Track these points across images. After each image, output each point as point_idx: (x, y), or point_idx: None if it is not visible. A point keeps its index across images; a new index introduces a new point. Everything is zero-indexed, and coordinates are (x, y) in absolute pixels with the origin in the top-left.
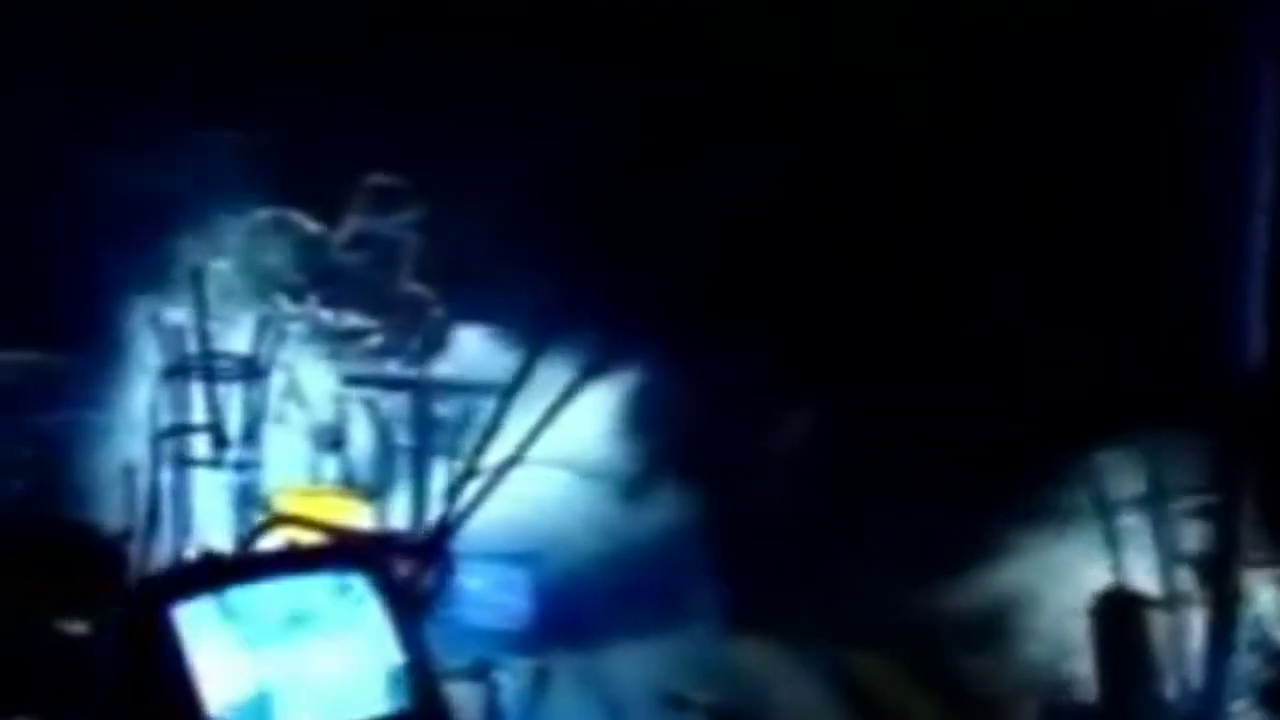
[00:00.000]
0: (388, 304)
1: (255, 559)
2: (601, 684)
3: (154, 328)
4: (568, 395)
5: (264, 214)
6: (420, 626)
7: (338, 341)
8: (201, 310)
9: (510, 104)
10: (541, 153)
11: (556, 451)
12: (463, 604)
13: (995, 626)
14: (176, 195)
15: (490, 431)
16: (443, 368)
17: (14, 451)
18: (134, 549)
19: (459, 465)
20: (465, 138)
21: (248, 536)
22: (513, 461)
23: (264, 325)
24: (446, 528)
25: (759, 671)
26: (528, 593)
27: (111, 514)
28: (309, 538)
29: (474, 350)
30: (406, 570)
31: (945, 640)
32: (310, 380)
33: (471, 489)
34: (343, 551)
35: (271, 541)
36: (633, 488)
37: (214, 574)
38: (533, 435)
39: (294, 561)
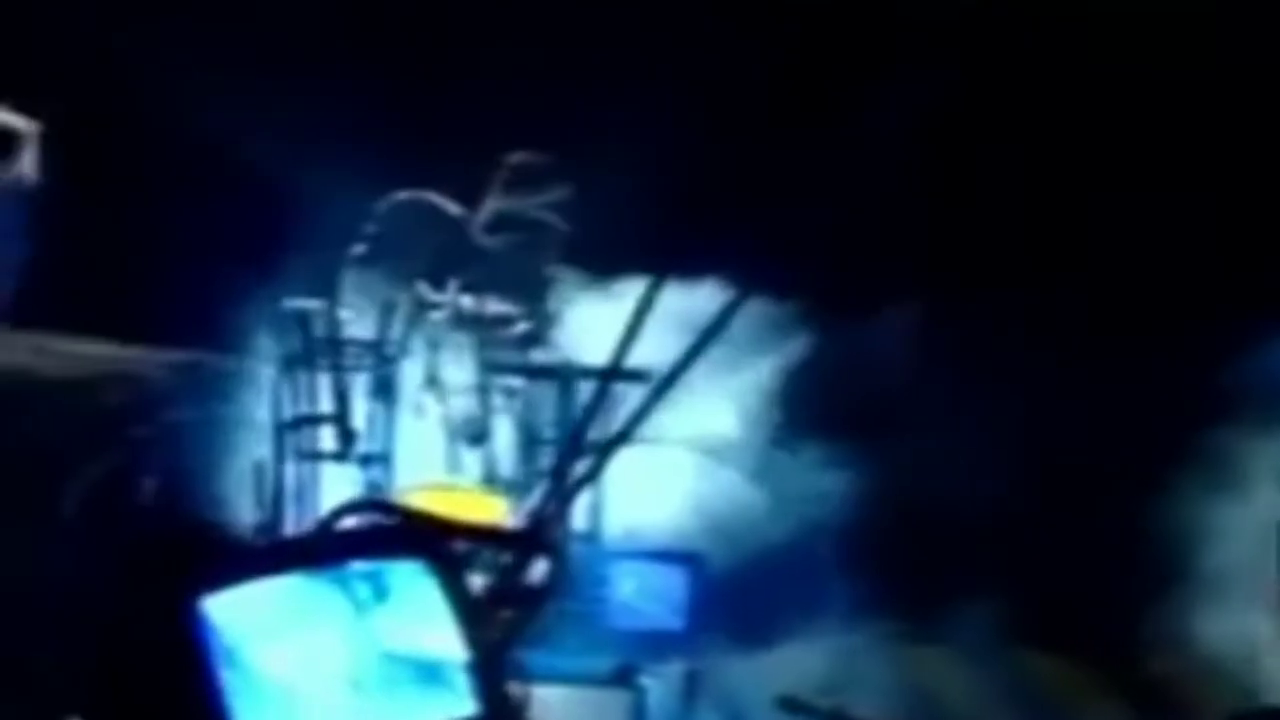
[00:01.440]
0: (532, 288)
1: (288, 545)
2: (756, 691)
3: (283, 318)
4: (704, 341)
5: (401, 196)
6: (485, 621)
7: (480, 329)
8: (333, 298)
9: (654, 72)
10: (687, 121)
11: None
12: (616, 606)
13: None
14: (306, 178)
15: (593, 406)
16: (591, 355)
17: (145, 450)
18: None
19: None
20: (609, 111)
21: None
22: (622, 437)
23: (390, 311)
24: (548, 515)
25: (929, 678)
26: (685, 594)
27: (244, 512)
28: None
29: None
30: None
31: (1134, 641)
32: (451, 371)
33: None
34: (398, 537)
35: None
36: (795, 477)
37: (241, 562)
38: (652, 400)
39: (337, 547)
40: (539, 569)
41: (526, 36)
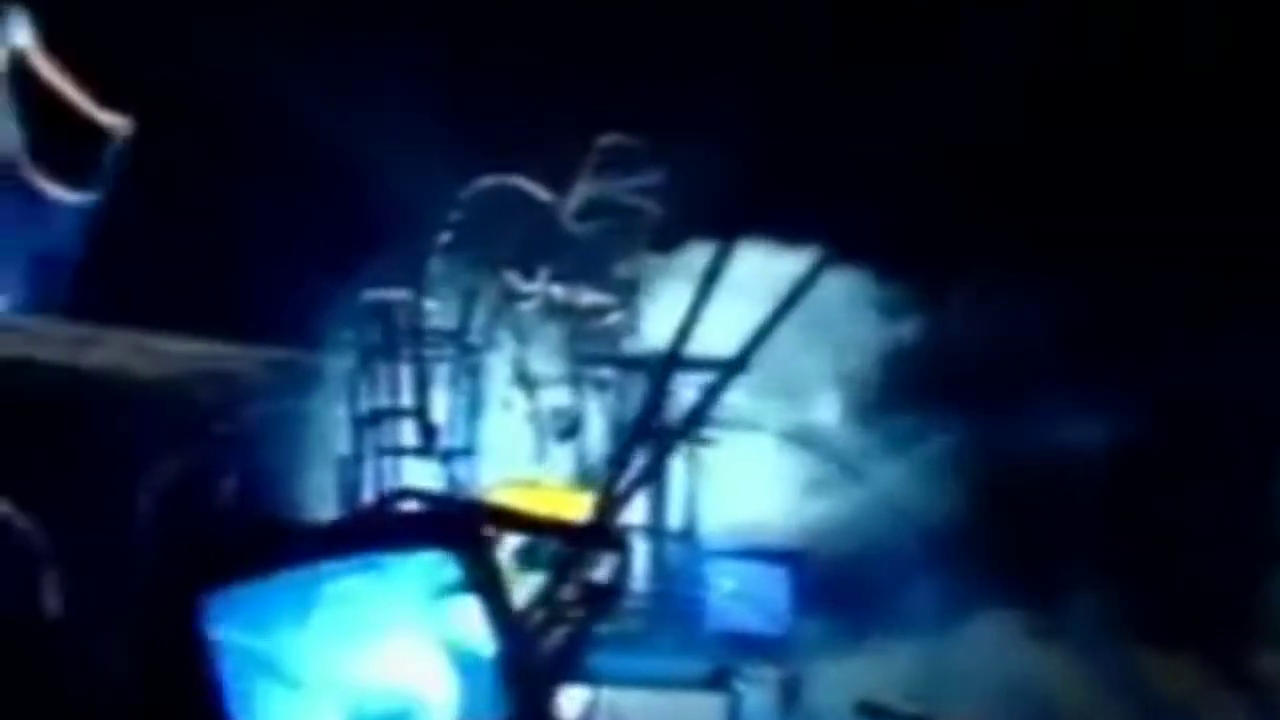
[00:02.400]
0: (624, 277)
1: (301, 533)
2: (857, 696)
3: (366, 310)
4: (783, 310)
5: (487, 182)
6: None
7: (570, 320)
8: (417, 288)
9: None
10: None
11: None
12: (713, 606)
13: None
14: (391, 166)
15: (660, 384)
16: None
17: (229, 448)
18: None
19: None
20: (703, 90)
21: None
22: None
23: (473, 299)
24: (610, 503)
25: (1043, 680)
26: (786, 594)
27: (328, 511)
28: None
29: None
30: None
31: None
32: (541, 363)
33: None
34: (424, 525)
35: None
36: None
37: (249, 553)
38: (725, 378)
39: (350, 536)
40: (607, 565)
41: (611, 13)
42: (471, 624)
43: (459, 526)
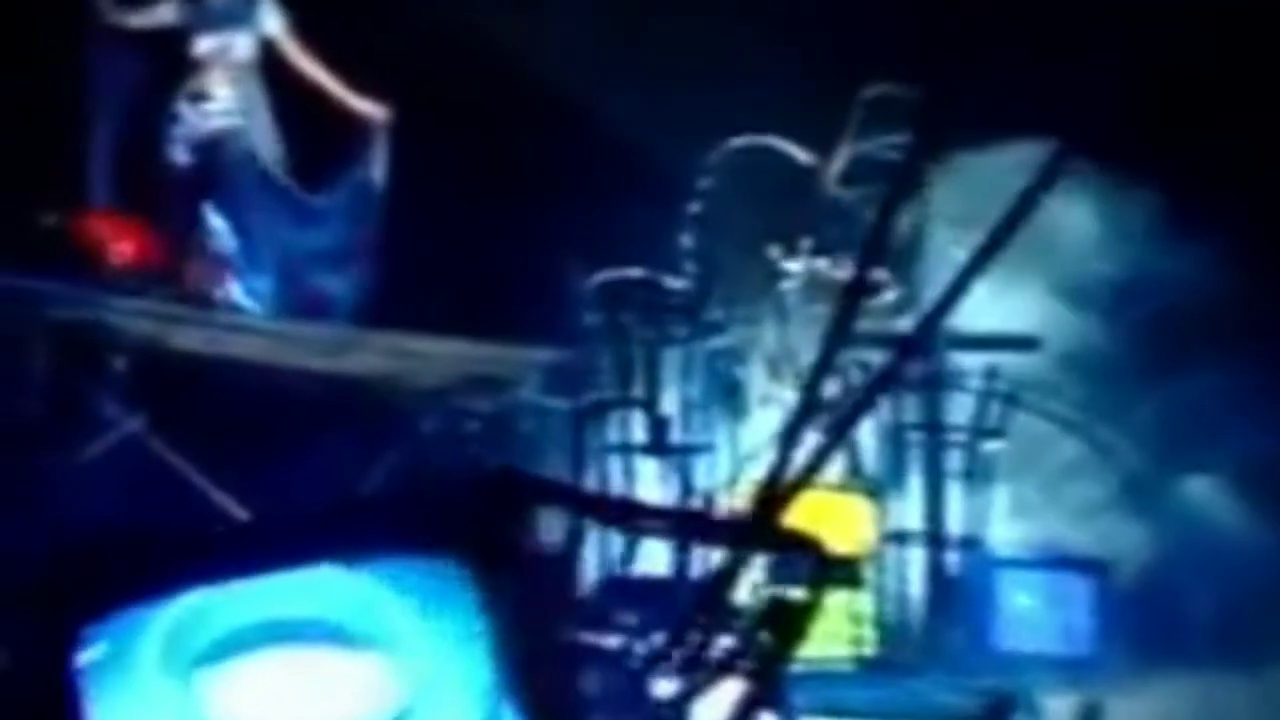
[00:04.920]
0: (898, 247)
1: (235, 535)
2: None
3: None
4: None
5: (739, 143)
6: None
7: (839, 297)
8: (659, 265)
9: None
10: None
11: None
12: (1004, 624)
13: None
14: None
15: (831, 349)
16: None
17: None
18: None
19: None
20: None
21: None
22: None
23: (724, 276)
24: (773, 497)
25: None
26: (1088, 609)
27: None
28: None
29: (1008, 304)
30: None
31: None
32: (804, 346)
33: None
34: (413, 517)
35: None
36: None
37: (161, 564)
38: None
39: (314, 539)
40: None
41: None
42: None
43: (472, 527)
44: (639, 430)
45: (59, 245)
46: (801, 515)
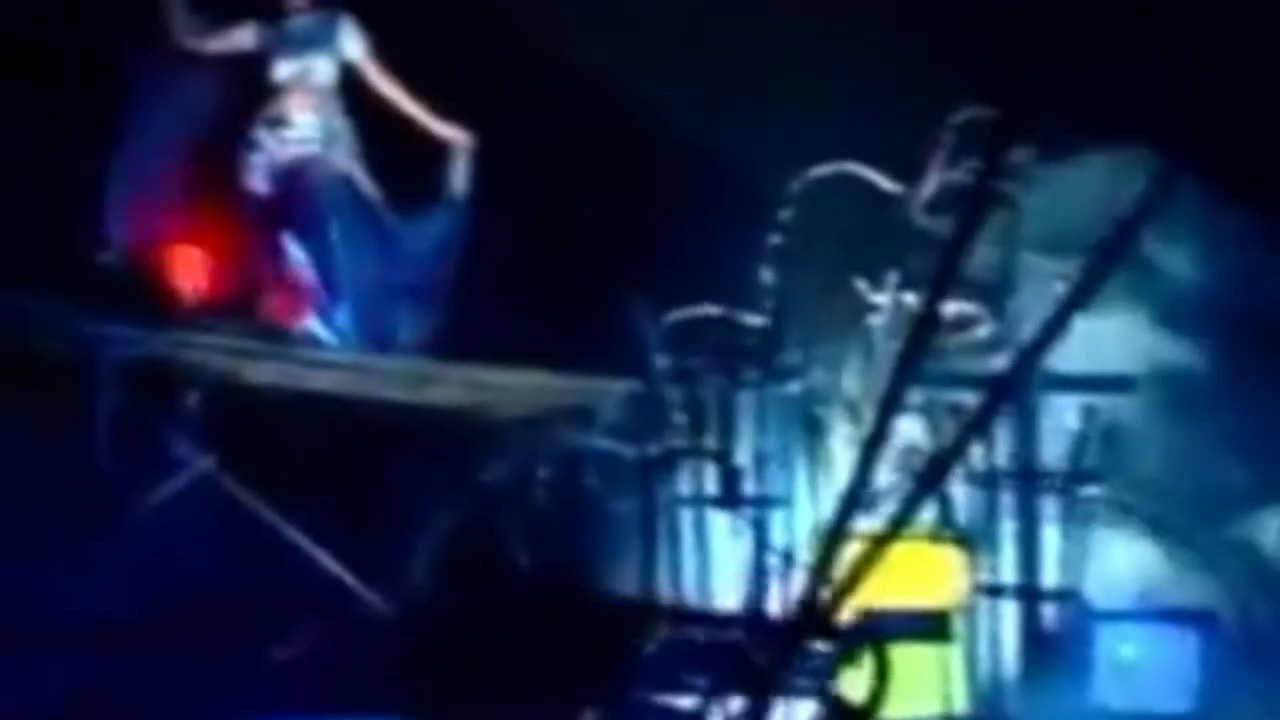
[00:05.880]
0: (992, 280)
1: None
2: None
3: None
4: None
5: (821, 172)
6: None
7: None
8: (737, 302)
9: None
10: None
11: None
12: (1107, 680)
13: None
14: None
15: (897, 388)
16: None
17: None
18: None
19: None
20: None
21: None
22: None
23: (790, 309)
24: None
25: None
26: (1195, 664)
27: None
28: None
29: (1110, 339)
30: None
31: None
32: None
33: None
34: None
35: None
36: None
37: None
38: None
39: None
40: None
41: None
42: None
43: None
44: (711, 480)
45: (128, 279)
46: (890, 568)
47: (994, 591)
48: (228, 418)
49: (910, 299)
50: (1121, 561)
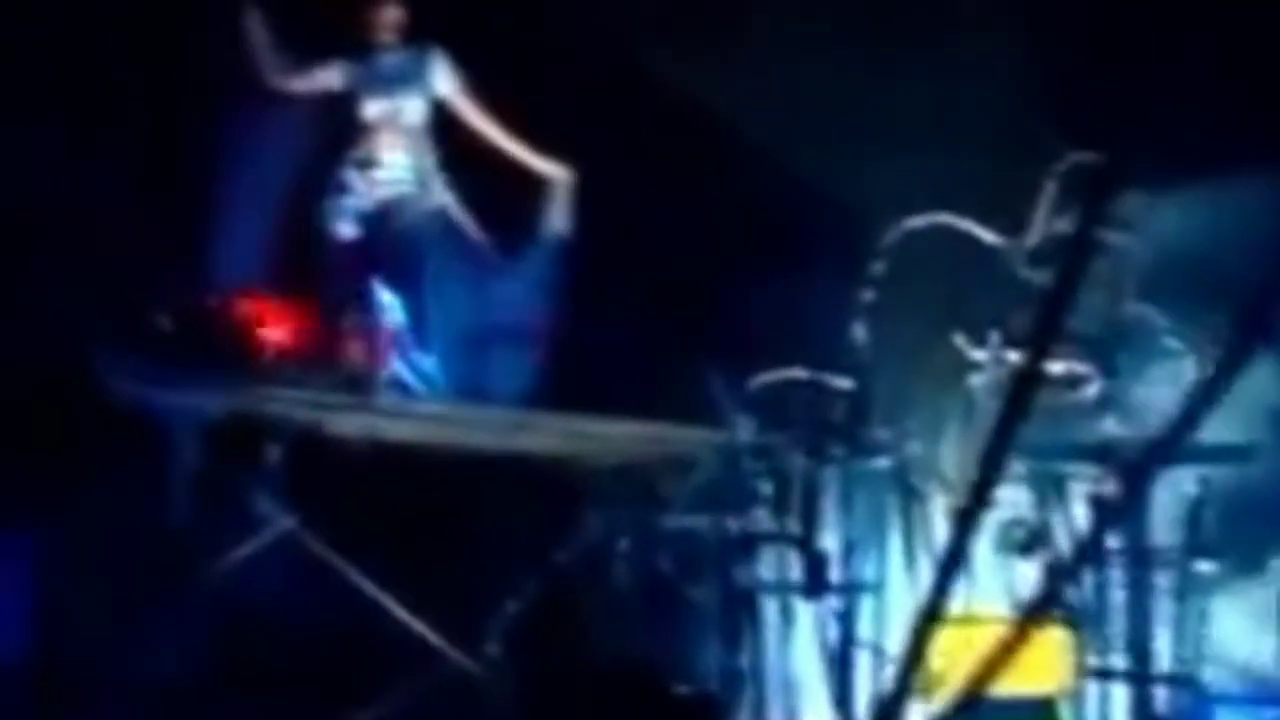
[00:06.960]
0: (1103, 337)
1: None
2: None
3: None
4: None
5: (916, 222)
6: None
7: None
8: (819, 365)
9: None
10: None
11: None
12: None
13: None
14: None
15: (996, 454)
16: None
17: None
18: None
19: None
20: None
21: None
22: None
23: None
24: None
25: None
26: None
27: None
28: None
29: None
30: None
31: None
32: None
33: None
34: None
35: None
36: None
37: None
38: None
39: None
40: None
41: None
42: None
43: None
44: (795, 563)
45: (210, 332)
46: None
47: (1104, 675)
48: (311, 474)
49: (1013, 356)
50: (1238, 642)
